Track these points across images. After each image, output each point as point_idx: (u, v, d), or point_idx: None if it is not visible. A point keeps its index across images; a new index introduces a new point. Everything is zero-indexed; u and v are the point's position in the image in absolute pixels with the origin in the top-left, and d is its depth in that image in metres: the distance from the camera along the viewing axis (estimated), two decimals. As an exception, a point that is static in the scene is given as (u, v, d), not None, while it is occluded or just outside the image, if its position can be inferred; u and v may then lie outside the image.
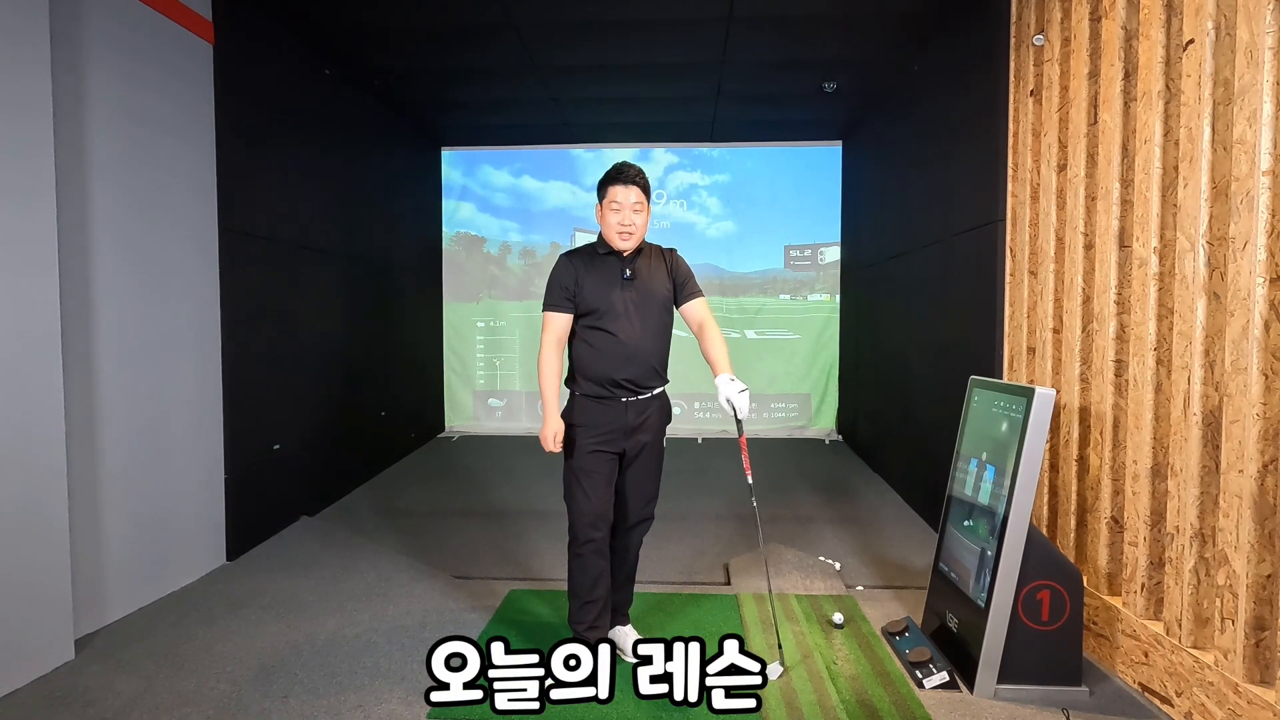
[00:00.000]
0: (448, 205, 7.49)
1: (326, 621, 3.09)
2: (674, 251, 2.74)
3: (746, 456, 2.70)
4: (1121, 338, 2.74)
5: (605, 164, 2.97)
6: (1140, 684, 2.54)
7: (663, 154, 7.39)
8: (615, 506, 2.66)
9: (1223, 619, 2.18)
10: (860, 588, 3.49)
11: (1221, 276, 2.23)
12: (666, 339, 2.68)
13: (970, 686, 2.56)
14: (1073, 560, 2.90)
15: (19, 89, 2.51)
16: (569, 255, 2.66)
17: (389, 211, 6.11)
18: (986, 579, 2.58)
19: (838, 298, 7.27)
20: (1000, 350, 3.57)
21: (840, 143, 7.20)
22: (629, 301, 2.58)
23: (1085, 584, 2.79)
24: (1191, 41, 2.31)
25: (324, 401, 4.86)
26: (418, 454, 6.53)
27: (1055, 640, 2.53)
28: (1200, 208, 2.28)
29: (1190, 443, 2.31)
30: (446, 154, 7.45)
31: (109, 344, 3.06)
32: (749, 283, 7.40)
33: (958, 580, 2.78)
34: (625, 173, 2.57)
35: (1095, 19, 2.89)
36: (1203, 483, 2.29)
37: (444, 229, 7.50)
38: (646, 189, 2.60)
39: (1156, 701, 2.46)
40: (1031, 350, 3.34)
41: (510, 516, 4.62)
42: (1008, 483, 2.57)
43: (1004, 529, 2.54)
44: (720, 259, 7.42)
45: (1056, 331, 3.16)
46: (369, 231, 5.66)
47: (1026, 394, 2.59)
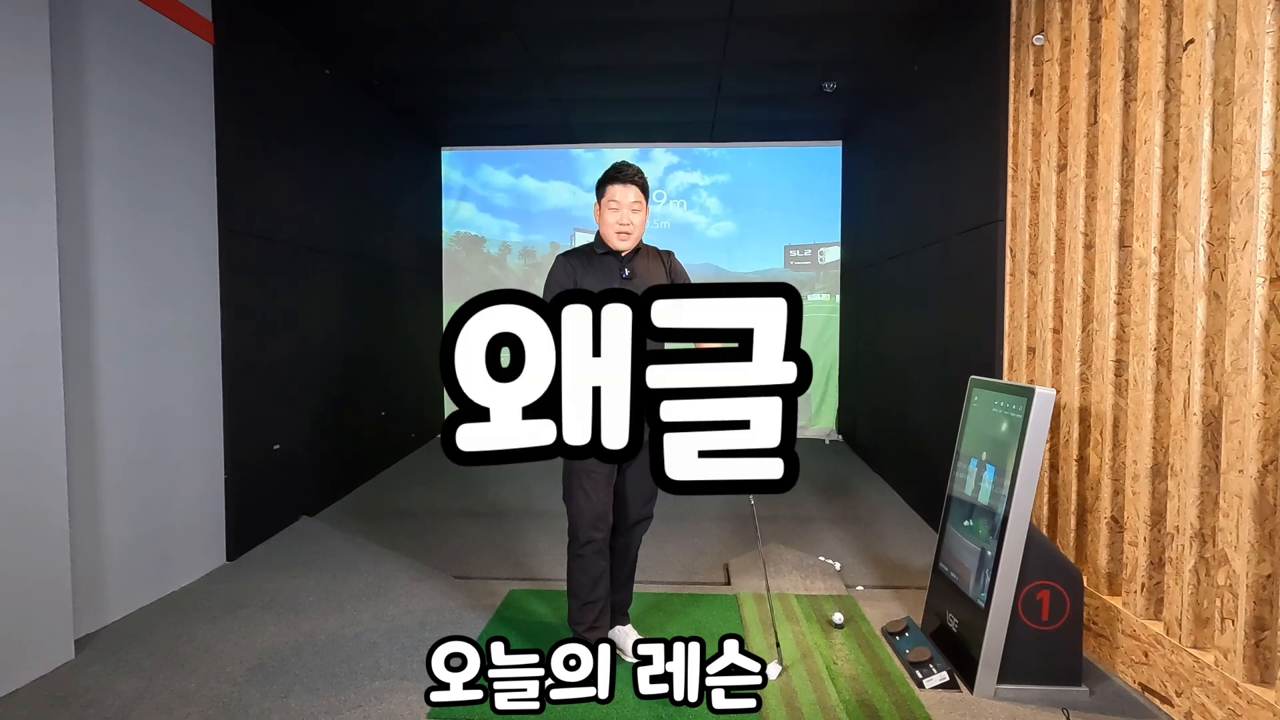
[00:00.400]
0: (448, 205, 7.50)
1: (326, 621, 3.09)
2: (671, 254, 2.74)
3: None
4: (1121, 338, 2.74)
5: (605, 164, 2.96)
6: (1140, 684, 2.54)
7: (663, 154, 7.39)
8: (615, 506, 2.66)
9: (1223, 619, 2.18)
10: (860, 588, 3.49)
11: (1221, 276, 2.23)
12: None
13: (970, 686, 2.56)
14: (1073, 560, 2.90)
15: (19, 89, 2.51)
16: (566, 255, 2.66)
17: (389, 211, 6.11)
18: (986, 579, 2.58)
19: (838, 298, 7.26)
20: (1000, 350, 3.57)
21: (840, 143, 7.20)
22: None
23: (1085, 584, 2.78)
24: (1191, 41, 2.31)
25: (324, 401, 4.85)
26: (418, 454, 6.54)
27: (1055, 640, 2.53)
28: (1200, 208, 2.28)
29: (1190, 443, 2.31)
30: (446, 154, 7.45)
31: (109, 344, 3.06)
32: (749, 283, 7.41)
33: (958, 580, 2.78)
34: (624, 172, 2.57)
35: (1095, 19, 2.89)
36: (1203, 483, 2.29)
37: (444, 229, 7.50)
38: (645, 188, 2.60)
39: (1156, 701, 2.46)
40: (1031, 350, 3.34)
41: (510, 516, 4.62)
42: (1008, 483, 2.57)
43: (1004, 529, 2.54)
44: (720, 259, 7.41)
45: (1056, 331, 3.15)
46: (369, 231, 5.66)
47: (1026, 394, 2.59)
